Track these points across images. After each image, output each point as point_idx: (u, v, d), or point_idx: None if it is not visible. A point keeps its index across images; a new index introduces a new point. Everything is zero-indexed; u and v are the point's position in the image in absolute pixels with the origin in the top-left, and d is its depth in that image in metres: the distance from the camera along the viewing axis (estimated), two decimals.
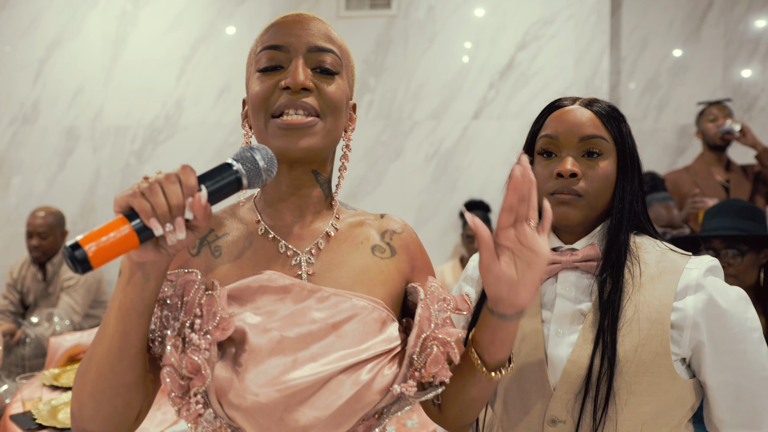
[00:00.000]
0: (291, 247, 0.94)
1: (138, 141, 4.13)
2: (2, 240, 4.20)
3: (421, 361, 0.89)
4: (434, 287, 0.96)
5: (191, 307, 0.85)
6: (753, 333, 1.10)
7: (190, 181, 0.74)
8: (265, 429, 0.84)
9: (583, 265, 1.13)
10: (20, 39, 4.14)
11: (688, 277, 1.09)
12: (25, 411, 2.06)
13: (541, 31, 3.81)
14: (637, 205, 1.16)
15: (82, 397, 0.84)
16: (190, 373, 0.82)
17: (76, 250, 0.70)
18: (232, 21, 4.04)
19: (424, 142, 3.94)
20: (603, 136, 1.12)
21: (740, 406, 1.11)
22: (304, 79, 0.88)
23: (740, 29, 3.91)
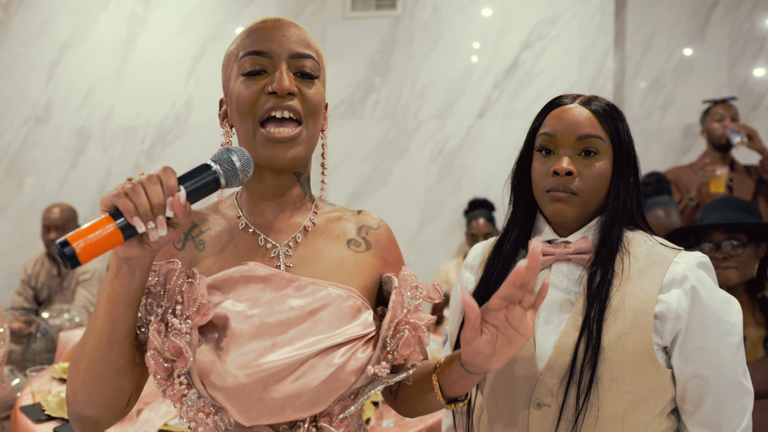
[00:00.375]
0: (270, 241, 0.99)
1: (148, 141, 4.20)
2: (16, 238, 4.27)
3: (393, 343, 0.94)
4: (407, 276, 1.01)
5: (173, 294, 0.90)
6: (731, 336, 1.13)
7: (170, 181, 0.79)
8: (245, 408, 0.88)
9: (575, 257, 1.17)
10: (32, 41, 4.21)
11: (675, 271, 1.13)
12: (35, 403, 2.13)
13: (546, 31, 3.84)
14: (632, 201, 1.20)
15: (75, 384, 0.90)
16: (173, 355, 0.87)
17: (65, 247, 0.75)
18: (241, 22, 4.09)
19: (429, 141, 3.97)
20: (600, 136, 1.15)
21: (704, 402, 1.14)
22: (289, 84, 0.93)
23: (745, 28, 3.92)
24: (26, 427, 1.98)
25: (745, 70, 3.94)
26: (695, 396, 1.14)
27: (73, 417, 0.92)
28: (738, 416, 1.13)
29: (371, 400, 2.11)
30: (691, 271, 1.13)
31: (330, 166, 4.03)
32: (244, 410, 0.89)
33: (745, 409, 1.14)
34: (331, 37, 3.99)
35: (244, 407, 0.88)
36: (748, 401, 1.15)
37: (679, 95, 3.97)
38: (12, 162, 4.26)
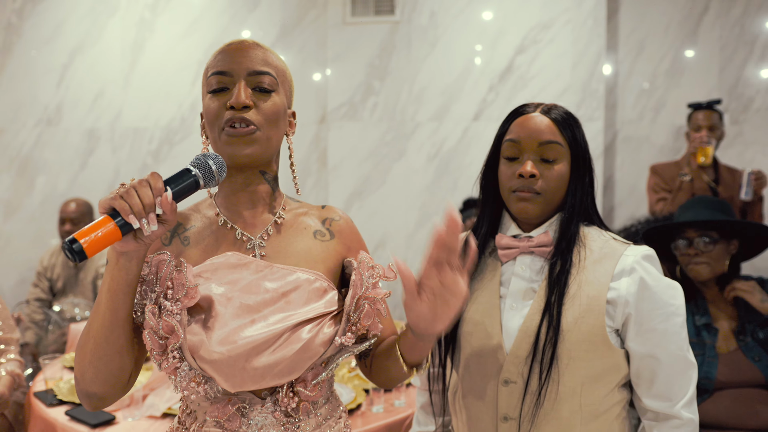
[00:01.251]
0: (246, 234, 1.12)
1: (155, 142, 4.31)
2: (27, 236, 4.38)
3: (356, 317, 1.08)
4: (364, 258, 1.14)
5: (164, 280, 1.03)
6: (675, 317, 1.27)
7: (158, 184, 0.93)
8: (230, 377, 1.01)
9: (537, 250, 1.31)
10: (44, 45, 4.32)
11: (625, 263, 1.26)
12: (48, 389, 2.25)
13: (540, 36, 3.93)
14: (587, 199, 1.33)
15: (83, 364, 1.02)
16: (166, 333, 1.00)
17: (74, 244, 0.88)
18: (245, 27, 4.20)
19: (426, 143, 4.06)
20: (559, 142, 1.28)
21: (657, 378, 1.27)
22: (244, 99, 1.06)
23: (736, 32, 3.99)
24: (40, 411, 2.11)
25: (735, 72, 4.00)
26: (648, 373, 1.28)
27: (81, 394, 1.05)
28: (685, 386, 1.28)
29: (362, 388, 2.23)
30: (638, 263, 1.26)
31: (330, 167, 4.15)
32: (230, 379, 1.01)
33: (690, 380, 1.28)
34: (332, 42, 4.09)
35: (229, 377, 1.01)
36: (693, 373, 1.29)
37: (671, 98, 4.04)
38: (24, 162, 4.37)
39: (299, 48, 4.17)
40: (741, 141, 4.03)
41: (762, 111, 4.00)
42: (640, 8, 4.07)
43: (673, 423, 1.28)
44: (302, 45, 4.17)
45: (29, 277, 4.23)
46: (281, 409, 1.08)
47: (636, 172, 4.06)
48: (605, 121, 4.01)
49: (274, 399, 1.08)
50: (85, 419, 1.97)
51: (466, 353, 1.34)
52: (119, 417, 2.02)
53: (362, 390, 2.20)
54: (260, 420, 1.07)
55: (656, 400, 1.29)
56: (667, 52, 4.06)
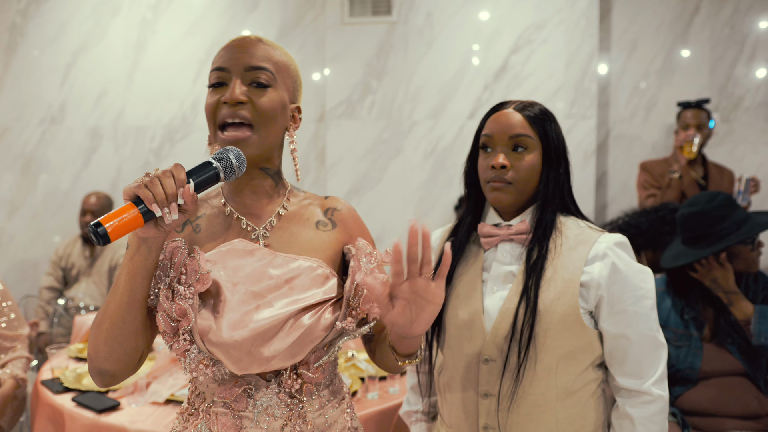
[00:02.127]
0: (251, 225, 1.16)
1: (157, 140, 4.38)
2: (30, 233, 4.44)
3: (355, 301, 1.12)
4: (362, 244, 1.19)
5: (178, 266, 1.08)
6: (645, 300, 1.35)
7: (181, 175, 0.97)
8: (237, 360, 1.06)
9: (516, 237, 1.40)
10: (48, 45, 4.39)
11: (598, 249, 1.35)
12: (54, 377, 2.32)
13: (534, 36, 4.00)
14: (562, 190, 1.42)
15: (98, 343, 1.07)
16: (179, 316, 1.05)
17: (99, 228, 0.93)
18: (245, 26, 4.26)
19: (423, 141, 4.13)
20: (529, 135, 1.37)
21: (628, 357, 1.36)
22: (238, 95, 1.09)
23: (726, 32, 4.06)
24: (47, 398, 2.17)
25: (725, 71, 4.07)
26: (620, 353, 1.37)
27: (94, 372, 1.09)
28: (655, 365, 1.36)
29: (359, 376, 2.31)
30: (610, 249, 1.35)
31: (329, 164, 4.23)
32: (237, 362, 1.06)
33: (660, 359, 1.37)
34: (331, 42, 4.16)
35: (236, 360, 1.06)
36: (663, 352, 1.38)
37: (662, 96, 4.11)
38: (28, 160, 4.44)
39: (298, 48, 4.24)
40: (731, 139, 4.11)
41: (752, 109, 4.07)
42: (632, 9, 4.14)
43: (644, 399, 1.36)
44: (301, 45, 4.24)
45: (32, 273, 4.31)
46: (285, 391, 1.12)
47: (628, 170, 4.14)
48: (598, 119, 4.09)
49: (279, 381, 1.12)
50: (91, 405, 2.04)
51: (450, 334, 1.43)
52: (123, 403, 2.08)
53: (358, 378, 2.28)
54: (265, 401, 1.11)
55: (628, 378, 1.37)
56: (658, 52, 4.13)
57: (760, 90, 4.06)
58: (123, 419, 1.98)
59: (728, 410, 2.23)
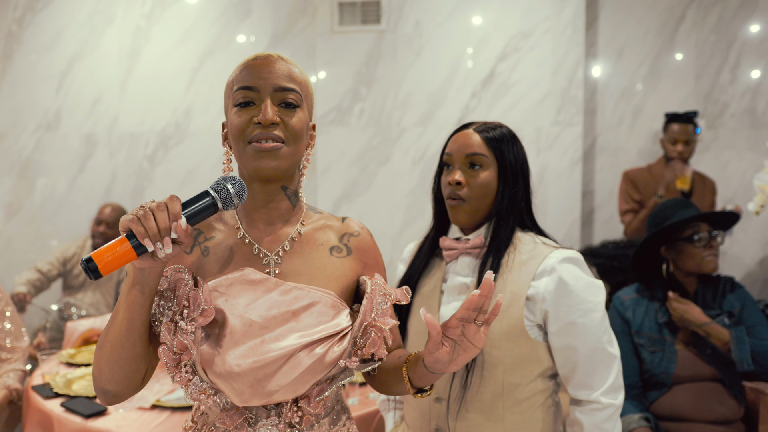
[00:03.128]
0: (263, 250, 1.15)
1: (150, 146, 4.42)
2: (27, 237, 4.49)
3: (362, 343, 1.11)
4: (378, 284, 1.16)
5: (180, 299, 1.07)
6: (593, 313, 1.41)
7: (175, 208, 0.96)
8: (239, 392, 1.06)
9: (472, 251, 1.48)
10: (44, 53, 4.44)
11: (546, 264, 1.42)
12: (45, 383, 2.37)
13: (521, 44, 4.05)
14: (519, 207, 1.49)
15: (100, 364, 1.07)
16: (180, 350, 1.05)
17: (90, 263, 0.93)
18: (237, 35, 4.31)
19: (412, 148, 4.18)
20: (484, 154, 1.46)
21: (578, 369, 1.42)
22: (272, 116, 1.08)
23: (711, 40, 4.11)
24: (37, 403, 2.23)
25: (711, 78, 4.13)
26: (570, 364, 1.43)
27: (98, 390, 1.10)
28: (605, 376, 1.42)
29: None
30: (558, 264, 1.42)
31: (319, 171, 4.28)
32: (239, 394, 1.06)
33: (611, 370, 1.43)
34: (321, 50, 4.22)
35: (239, 392, 1.06)
36: (614, 363, 1.43)
37: (649, 103, 4.17)
38: (24, 166, 4.49)
39: (289, 56, 4.19)
40: (717, 145, 4.16)
41: (737, 116, 4.12)
42: (618, 16, 4.19)
43: (593, 407, 1.42)
44: (292, 53, 4.30)
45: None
46: (285, 422, 1.11)
47: (614, 176, 4.19)
48: (584, 126, 4.14)
49: (279, 412, 1.11)
50: (79, 410, 2.10)
51: (411, 340, 1.52)
52: (110, 408, 2.14)
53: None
54: (266, 431, 1.11)
55: (578, 389, 1.44)
56: (645, 59, 4.19)
57: (746, 96, 4.11)
58: (110, 424, 2.04)
59: (701, 415, 2.28)
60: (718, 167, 4.11)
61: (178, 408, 2.12)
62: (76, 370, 2.48)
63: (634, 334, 2.38)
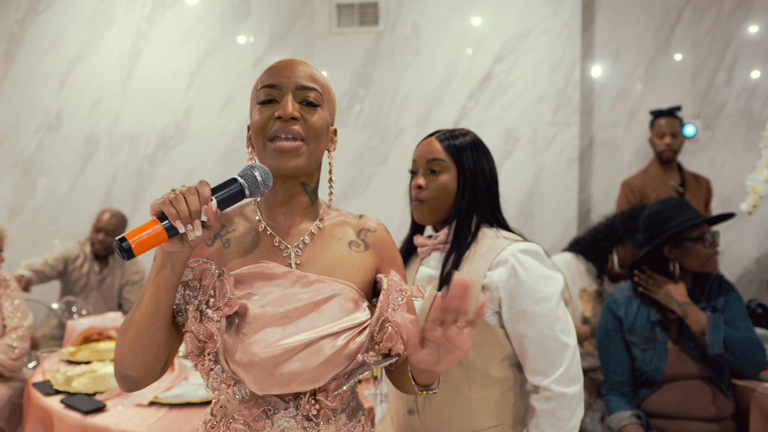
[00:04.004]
0: (284, 242, 1.16)
1: (151, 147, 4.47)
2: (29, 236, 4.55)
3: (379, 337, 1.12)
4: (395, 280, 1.17)
5: (207, 289, 1.08)
6: (546, 303, 1.49)
7: (205, 192, 0.99)
8: (259, 380, 1.08)
9: (440, 246, 1.60)
10: (45, 54, 4.49)
11: (502, 255, 1.53)
12: (45, 380, 2.40)
13: (517, 45, 4.08)
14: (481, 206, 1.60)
15: (123, 350, 1.08)
16: (206, 337, 1.07)
17: (123, 242, 0.94)
18: (236, 36, 4.35)
19: (409, 148, 4.17)
20: (443, 159, 1.58)
21: (529, 355, 1.51)
22: (292, 111, 1.11)
23: (707, 41, 4.14)
24: (38, 400, 2.26)
25: (707, 79, 4.15)
26: (522, 350, 1.52)
27: (118, 376, 1.10)
28: (557, 364, 1.49)
29: None
30: (513, 255, 1.52)
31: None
32: (258, 382, 1.08)
33: (563, 358, 1.49)
34: (319, 52, 4.25)
35: (258, 380, 1.07)
36: (566, 351, 1.50)
37: (645, 104, 4.19)
38: (27, 166, 4.55)
39: (288, 57, 4.32)
40: (713, 146, 4.19)
41: (733, 117, 4.15)
42: (615, 18, 4.22)
43: (545, 395, 1.50)
44: (291, 54, 4.33)
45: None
46: (303, 414, 1.13)
47: (611, 176, 4.22)
48: (581, 126, 4.17)
49: (297, 404, 1.13)
50: (78, 407, 2.13)
51: None
52: (109, 405, 2.17)
53: None
54: (283, 423, 1.12)
55: (533, 375, 1.52)
56: (641, 60, 4.22)
57: (741, 97, 4.14)
58: (108, 420, 2.07)
59: (691, 413, 2.31)
60: (714, 167, 4.14)
61: (175, 405, 2.15)
62: (76, 368, 2.51)
63: (627, 332, 2.41)
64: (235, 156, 4.38)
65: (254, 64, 4.33)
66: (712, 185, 3.85)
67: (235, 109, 4.38)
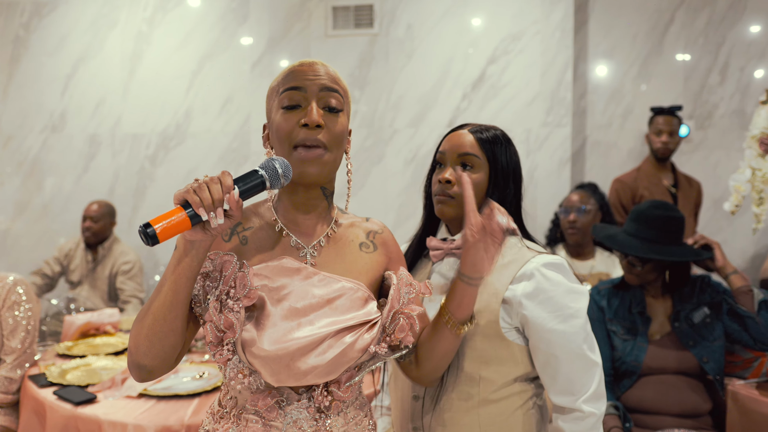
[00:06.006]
0: (300, 243, 1.20)
1: (152, 147, 4.55)
2: (36, 233, 4.65)
3: (391, 329, 1.16)
4: (404, 275, 1.22)
5: (228, 280, 1.11)
6: (574, 320, 1.37)
7: (227, 182, 1.01)
8: (275, 372, 1.10)
9: (457, 251, 1.45)
10: (50, 56, 4.59)
11: (527, 268, 1.38)
12: (41, 373, 2.48)
13: (510, 47, 4.12)
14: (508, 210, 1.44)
15: (138, 338, 1.09)
16: (225, 327, 1.09)
17: (148, 228, 0.96)
18: (235, 39, 4.42)
19: (404, 148, 4.26)
20: (476, 154, 1.43)
21: (559, 375, 1.38)
22: (318, 118, 1.13)
23: (700, 42, 4.16)
24: (32, 391, 2.34)
25: (700, 80, 4.17)
26: (551, 370, 1.39)
27: (132, 365, 1.11)
28: (587, 383, 1.38)
29: None
30: (538, 269, 1.38)
31: None
32: (274, 374, 1.10)
33: (593, 376, 1.39)
34: (315, 53, 4.31)
35: (274, 372, 1.10)
36: (596, 370, 1.39)
37: (638, 105, 4.21)
38: (31, 165, 4.65)
39: (286, 58, 4.40)
40: (706, 146, 4.21)
41: (726, 117, 4.16)
42: (608, 19, 4.25)
43: (575, 415, 1.39)
44: (288, 56, 4.40)
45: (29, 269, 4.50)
46: (315, 406, 1.16)
47: (604, 176, 4.25)
48: (574, 127, 4.21)
49: (309, 396, 1.16)
50: (70, 398, 2.20)
51: None
52: (100, 397, 2.24)
53: None
54: (295, 414, 1.15)
55: (560, 395, 1.39)
56: (634, 61, 4.24)
57: (734, 98, 4.15)
58: (98, 411, 2.13)
59: (669, 408, 2.33)
60: (707, 168, 4.16)
61: (163, 397, 2.21)
62: (71, 361, 2.59)
63: (608, 322, 2.44)
64: (234, 156, 4.46)
65: (252, 66, 4.41)
66: (706, 185, 3.87)
67: (233, 110, 4.44)
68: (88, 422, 2.10)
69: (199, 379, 2.37)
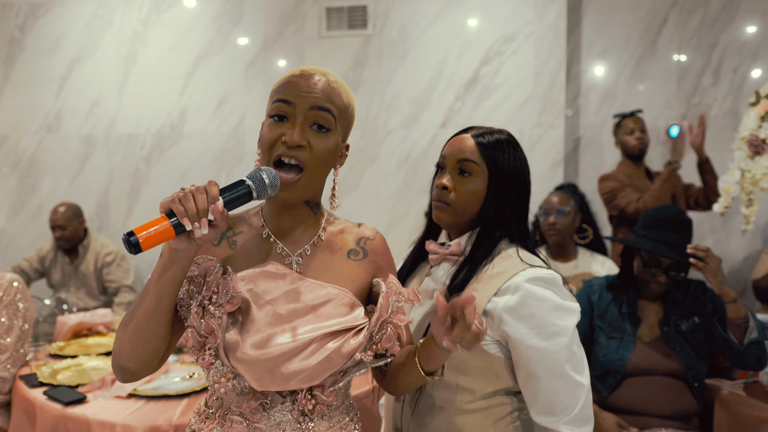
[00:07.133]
0: (286, 250, 1.20)
1: (147, 147, 4.56)
2: (32, 233, 4.67)
3: (378, 337, 1.16)
4: (393, 284, 1.21)
5: (211, 285, 1.12)
6: (557, 338, 1.30)
7: (213, 192, 1.00)
8: (258, 377, 1.10)
9: (450, 257, 1.43)
10: (45, 57, 4.60)
11: (513, 281, 1.33)
12: (32, 373, 2.48)
13: (503, 48, 4.13)
14: (510, 220, 1.41)
15: (122, 342, 1.10)
16: (207, 333, 1.10)
17: (132, 237, 0.95)
18: (229, 41, 4.43)
19: (397, 149, 4.27)
20: (475, 161, 1.38)
21: (539, 394, 1.33)
22: (298, 140, 1.11)
23: (693, 43, 4.17)
24: (22, 391, 2.35)
25: (693, 81, 4.18)
26: (531, 388, 1.34)
27: (116, 367, 1.13)
28: (570, 405, 1.31)
29: None
30: (523, 283, 1.32)
31: None
32: (258, 379, 1.10)
33: (577, 398, 1.31)
34: (309, 54, 4.32)
35: (258, 377, 1.10)
36: (580, 392, 1.32)
37: (631, 106, 4.19)
38: (27, 166, 4.67)
39: (280, 59, 4.41)
40: None
41: (719, 118, 4.17)
42: (601, 20, 4.26)
43: None
44: (282, 57, 4.41)
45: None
46: (298, 409, 1.16)
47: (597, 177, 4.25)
48: (567, 128, 4.22)
49: (293, 399, 1.16)
50: (59, 398, 2.21)
51: None
52: (90, 397, 2.25)
53: None
54: (279, 416, 1.16)
55: (541, 415, 1.34)
56: (627, 62, 4.25)
57: (727, 99, 4.16)
58: (87, 411, 2.14)
59: (656, 409, 2.34)
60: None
61: (153, 397, 2.22)
62: (62, 362, 2.60)
63: (596, 317, 2.45)
64: (228, 157, 4.47)
65: (247, 66, 4.42)
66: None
67: (228, 111, 4.46)
68: (77, 422, 2.11)
69: (188, 379, 2.38)
